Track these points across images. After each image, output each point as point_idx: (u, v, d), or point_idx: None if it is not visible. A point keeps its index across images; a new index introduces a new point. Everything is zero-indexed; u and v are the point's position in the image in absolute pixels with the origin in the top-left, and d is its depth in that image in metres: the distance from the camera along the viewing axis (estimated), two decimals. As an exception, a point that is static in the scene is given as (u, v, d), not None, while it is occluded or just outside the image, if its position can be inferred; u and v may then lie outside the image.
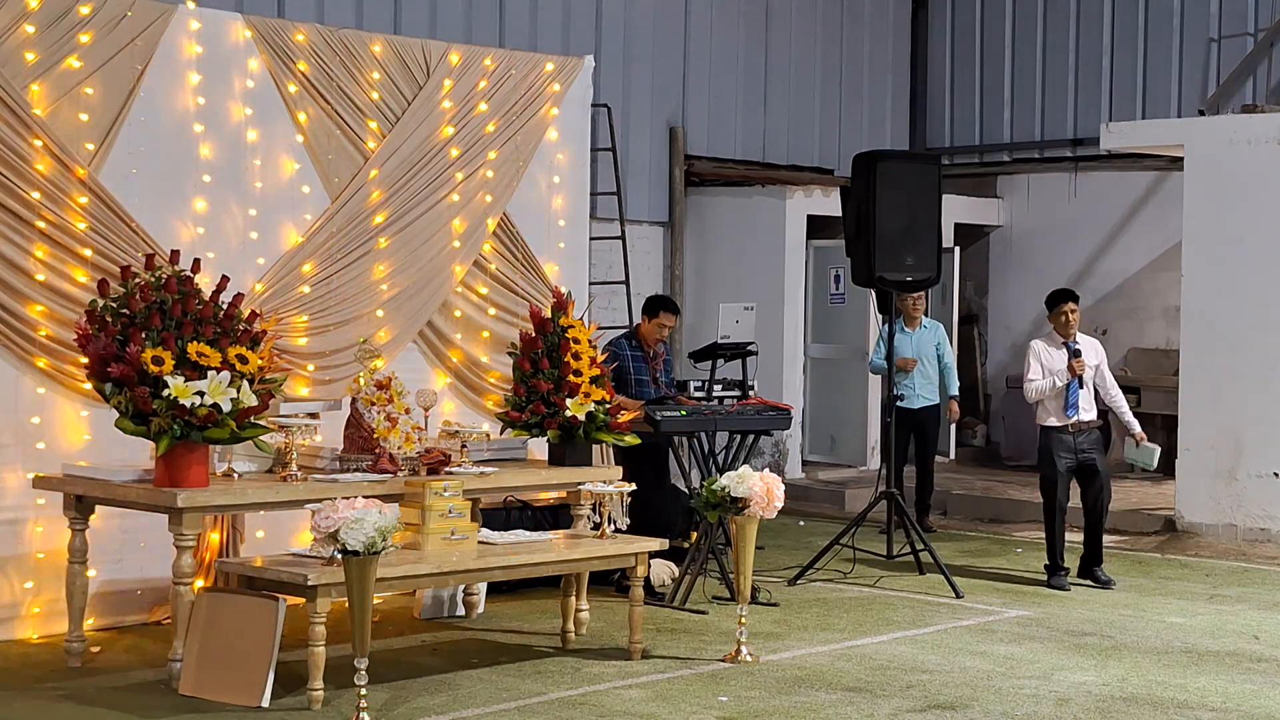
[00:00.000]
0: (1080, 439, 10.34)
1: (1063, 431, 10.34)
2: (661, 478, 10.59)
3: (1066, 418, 10.30)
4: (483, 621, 9.06)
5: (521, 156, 10.27)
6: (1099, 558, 10.51)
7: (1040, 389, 10.35)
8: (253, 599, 7.21)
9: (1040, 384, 10.35)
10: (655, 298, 10.81)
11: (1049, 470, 10.43)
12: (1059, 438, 10.35)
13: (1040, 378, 10.35)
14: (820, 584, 10.34)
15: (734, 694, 7.48)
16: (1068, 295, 10.56)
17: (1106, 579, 10.42)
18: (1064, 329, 10.42)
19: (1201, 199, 12.60)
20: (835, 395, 15.98)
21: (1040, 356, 10.41)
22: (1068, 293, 10.61)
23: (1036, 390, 10.37)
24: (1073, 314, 10.43)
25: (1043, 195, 16.83)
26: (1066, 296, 10.53)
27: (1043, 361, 10.38)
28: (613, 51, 14.76)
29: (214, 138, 8.98)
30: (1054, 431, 10.37)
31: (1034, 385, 10.38)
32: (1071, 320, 10.41)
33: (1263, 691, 7.71)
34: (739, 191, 15.57)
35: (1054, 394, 10.29)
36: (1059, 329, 10.45)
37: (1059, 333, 10.44)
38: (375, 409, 8.13)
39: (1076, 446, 10.34)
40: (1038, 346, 10.50)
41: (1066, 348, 10.37)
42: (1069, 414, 10.30)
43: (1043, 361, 10.38)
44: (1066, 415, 10.30)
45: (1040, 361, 10.39)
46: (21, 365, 8.31)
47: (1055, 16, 16.77)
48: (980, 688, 7.69)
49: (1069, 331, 10.41)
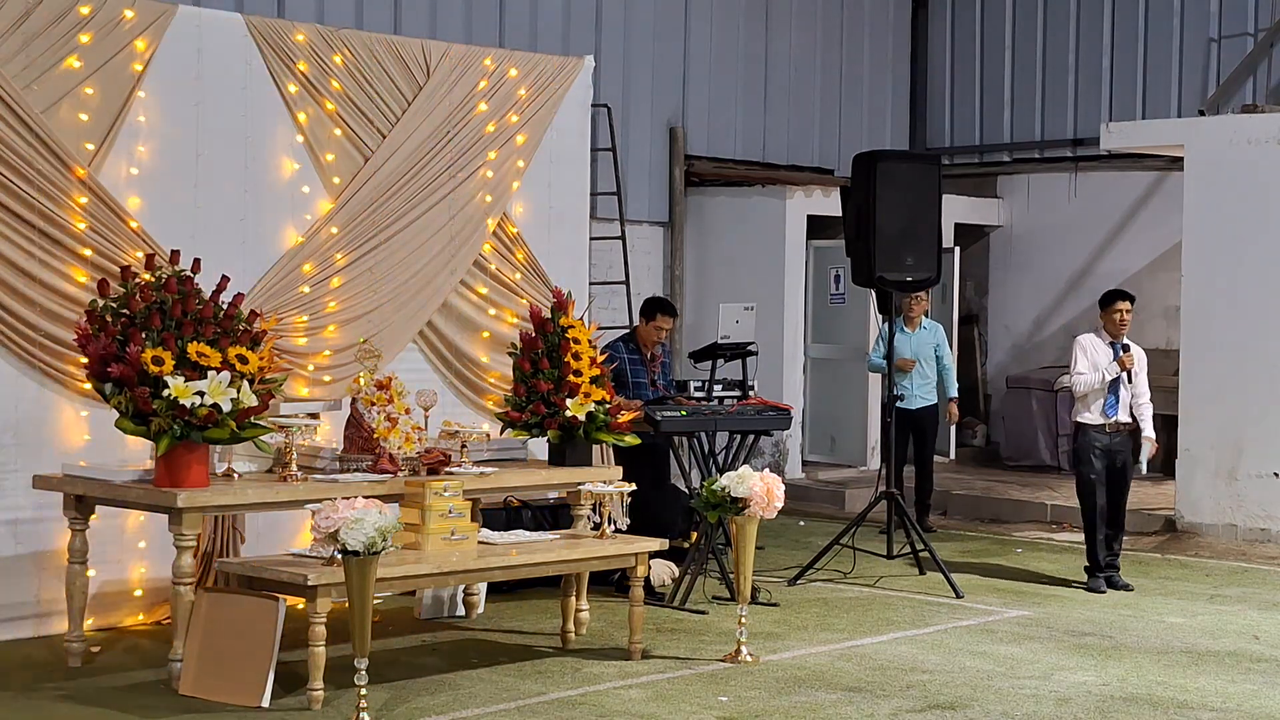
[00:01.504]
0: (1115, 440, 10.28)
1: (1099, 431, 10.25)
2: (661, 478, 10.59)
3: (1106, 417, 10.21)
4: (483, 621, 9.06)
5: (521, 156, 10.26)
6: (1116, 562, 10.43)
7: (1089, 382, 10.21)
8: (253, 599, 7.21)
9: (1089, 377, 10.21)
10: (652, 300, 10.80)
11: (1087, 471, 10.32)
12: (1095, 436, 10.26)
13: (1089, 371, 10.26)
14: (820, 584, 10.34)
15: (734, 694, 7.48)
16: (1124, 295, 10.41)
17: (1124, 584, 10.35)
18: (1116, 328, 10.29)
19: (1201, 199, 12.60)
20: (835, 395, 15.98)
21: (1087, 351, 10.30)
22: (1124, 292, 10.46)
23: (1085, 384, 10.23)
24: (1128, 314, 10.29)
25: (1043, 195, 16.82)
26: (1123, 296, 10.38)
27: (1089, 356, 10.28)
28: (613, 51, 14.75)
29: (214, 137, 8.98)
30: (1090, 430, 10.27)
31: (1083, 379, 10.24)
32: (1126, 319, 10.27)
33: (1263, 691, 7.71)
34: (739, 191, 15.57)
35: (1099, 390, 10.18)
36: (1110, 327, 10.32)
37: (1109, 331, 10.32)
38: (375, 409, 8.13)
39: (1110, 447, 10.27)
40: (1085, 341, 10.38)
41: (1113, 347, 10.27)
42: (1109, 413, 10.20)
43: (1089, 356, 10.28)
44: (1106, 414, 10.21)
45: (1087, 356, 10.28)
46: (21, 365, 8.31)
47: (1055, 16, 16.78)
48: (980, 688, 7.69)
49: (1121, 331, 10.29)
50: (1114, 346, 10.28)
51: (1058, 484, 14.60)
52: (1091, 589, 10.28)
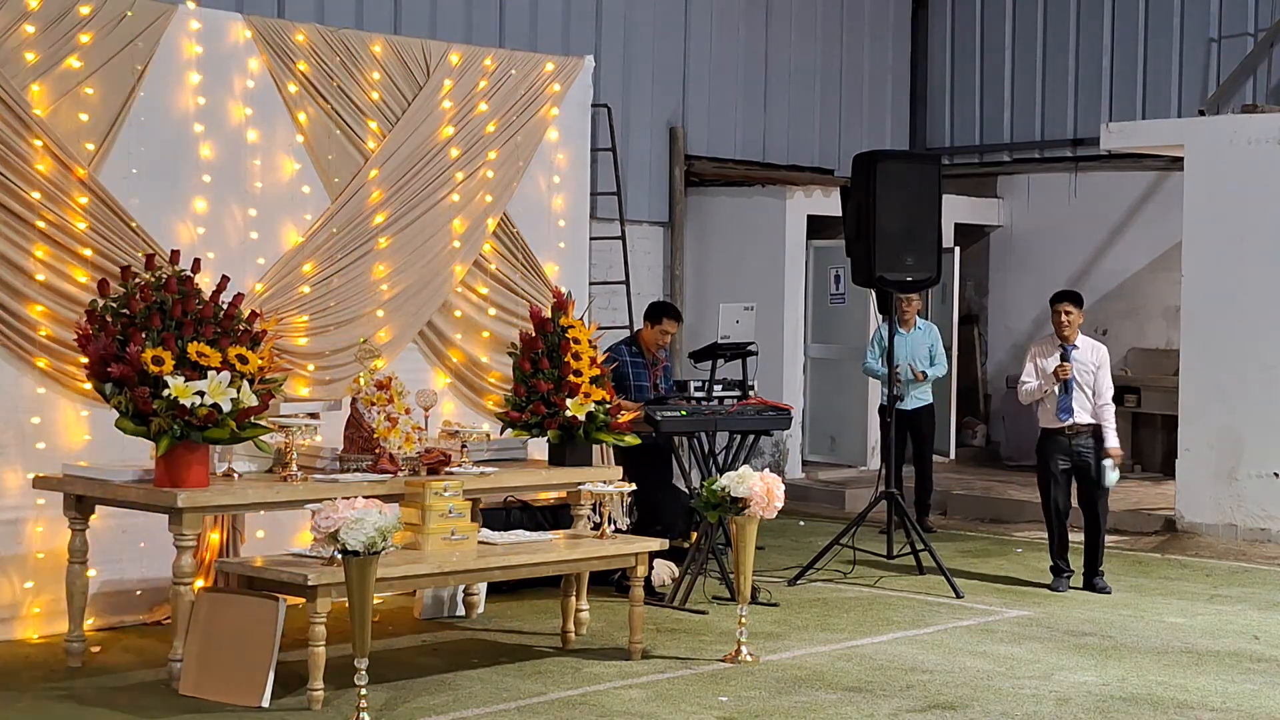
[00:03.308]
0: (1076, 442, 10.30)
1: (1058, 434, 10.30)
2: (662, 478, 10.59)
3: (1060, 421, 10.26)
4: (483, 621, 9.06)
5: (521, 156, 10.27)
6: (1097, 565, 10.42)
7: (1029, 391, 10.32)
8: (253, 599, 7.21)
9: (1030, 386, 10.32)
10: (659, 304, 10.79)
11: (1044, 473, 10.40)
12: (1055, 439, 10.31)
13: (1032, 379, 10.32)
14: (820, 584, 10.34)
15: (734, 694, 7.48)
16: (1063, 296, 10.43)
17: (1104, 586, 10.33)
18: (1059, 330, 10.34)
19: (1201, 199, 12.60)
20: (835, 395, 15.98)
21: (1035, 359, 10.37)
22: (1065, 294, 10.49)
23: (1026, 393, 10.36)
24: (1067, 315, 10.28)
25: (1043, 195, 16.83)
26: (1062, 297, 10.41)
27: (1037, 364, 10.34)
28: (613, 51, 14.76)
29: (214, 138, 8.99)
30: (1050, 433, 10.33)
31: (1024, 388, 10.37)
32: (1066, 321, 10.28)
33: (1263, 691, 7.71)
34: (739, 191, 15.57)
35: (1051, 394, 10.25)
36: (1055, 330, 10.40)
37: (1056, 334, 10.41)
38: (375, 409, 8.13)
39: (1073, 449, 10.30)
40: (1035, 348, 10.47)
41: (1062, 349, 10.32)
42: (1061, 417, 10.23)
43: (1037, 364, 10.34)
44: (1059, 419, 10.24)
45: (1035, 364, 10.35)
46: (21, 365, 8.31)
47: (1055, 16, 16.77)
48: (980, 688, 7.69)
49: (1065, 333, 10.33)
50: (1063, 348, 10.27)
51: (1058, 484, 14.60)
52: (1054, 589, 10.28)
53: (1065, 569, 10.39)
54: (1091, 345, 10.43)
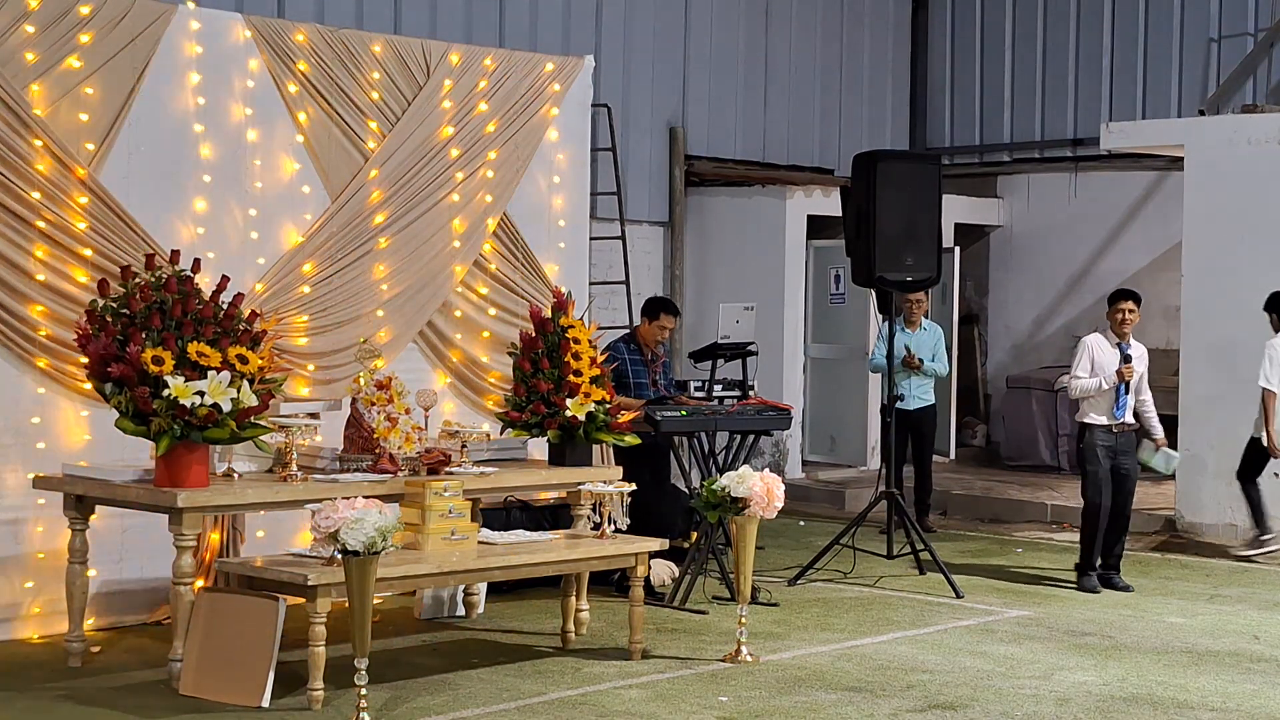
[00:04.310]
0: (1120, 441, 10.26)
1: (1105, 431, 10.23)
2: (662, 478, 10.58)
3: (1114, 418, 10.20)
4: (483, 621, 9.06)
5: (521, 156, 10.27)
6: (1117, 564, 10.42)
7: (1086, 388, 10.21)
8: (253, 599, 7.21)
9: (1087, 383, 10.21)
10: (655, 299, 10.79)
11: (1093, 470, 10.25)
12: (1101, 436, 10.23)
13: (1088, 376, 10.23)
14: (820, 584, 10.34)
15: (734, 694, 7.48)
16: (1128, 294, 10.38)
17: (1124, 585, 10.34)
18: (1119, 328, 10.26)
19: (1201, 199, 12.60)
20: (835, 395, 15.98)
21: (1093, 354, 10.27)
22: (1127, 292, 10.43)
23: (1082, 389, 10.23)
24: (1130, 314, 10.25)
25: (1043, 195, 16.83)
26: (1127, 295, 10.36)
27: (1094, 359, 10.25)
28: (613, 51, 14.75)
29: (214, 138, 8.98)
30: (1096, 430, 10.24)
31: (1080, 384, 10.23)
32: (1128, 320, 10.24)
33: (1263, 691, 7.71)
34: (739, 191, 15.57)
35: (1106, 391, 10.17)
36: (1115, 328, 10.30)
37: (1115, 331, 10.30)
38: (375, 409, 8.13)
39: (1116, 448, 10.25)
40: (1091, 343, 10.33)
41: (1120, 350, 10.26)
42: (1117, 414, 10.19)
43: (1094, 359, 10.25)
44: (1115, 415, 10.19)
45: (1092, 359, 10.25)
46: (21, 365, 8.31)
47: (1055, 16, 16.77)
48: (980, 688, 7.69)
49: (1124, 331, 10.26)
50: (1120, 348, 10.26)
51: (1058, 484, 14.61)
52: (1087, 589, 10.26)
53: (1095, 568, 10.33)
54: (1139, 348, 10.40)
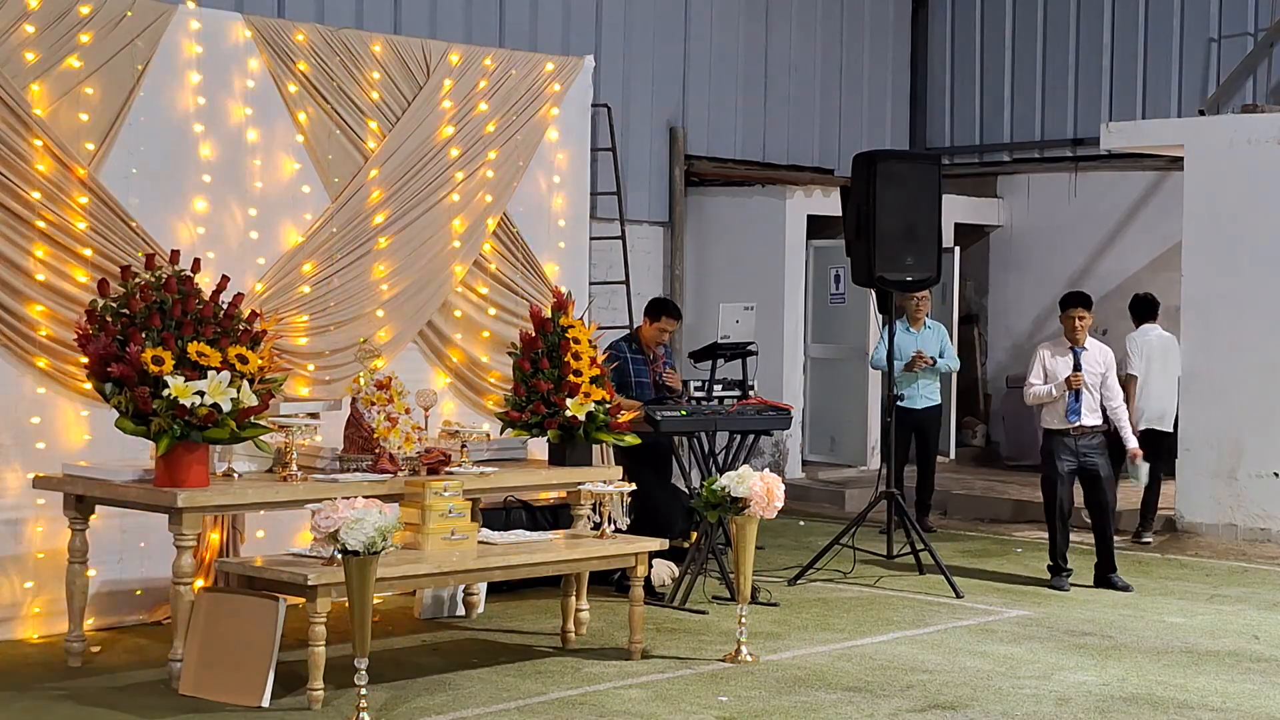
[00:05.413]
0: (1082, 443, 10.31)
1: (1064, 435, 10.31)
2: (662, 478, 10.58)
3: (1068, 422, 10.26)
4: (483, 621, 9.06)
5: (521, 156, 10.27)
6: (1111, 563, 10.44)
7: (1037, 394, 10.34)
8: (253, 599, 7.21)
9: (1038, 390, 10.34)
10: (658, 301, 10.78)
11: (1049, 471, 10.40)
12: (1060, 441, 10.32)
13: (1040, 383, 10.33)
14: (820, 584, 10.34)
15: (734, 694, 7.48)
16: (1076, 300, 10.42)
17: (1124, 584, 10.36)
18: (1071, 334, 10.34)
19: (1201, 199, 12.60)
20: (835, 395, 15.98)
21: (1044, 361, 10.37)
22: (1077, 296, 10.48)
23: (1034, 396, 10.37)
24: (1080, 320, 10.29)
25: (1043, 195, 16.82)
26: (1075, 301, 10.40)
27: (1046, 367, 10.34)
28: (613, 51, 14.75)
29: (214, 138, 8.98)
30: (1055, 434, 10.35)
31: (1032, 391, 10.38)
32: (1078, 326, 10.29)
33: (1263, 691, 7.71)
34: (739, 191, 15.57)
35: (1059, 397, 10.26)
36: (1066, 334, 10.38)
37: (1067, 337, 10.39)
38: (375, 409, 8.13)
39: (1078, 450, 10.30)
40: (1043, 351, 10.45)
41: (1073, 354, 10.30)
42: (1070, 419, 10.25)
43: (1046, 367, 10.34)
44: (1068, 420, 10.26)
45: (1044, 366, 10.35)
46: (21, 365, 8.31)
47: (1055, 16, 16.77)
48: (980, 688, 7.69)
49: (1076, 337, 10.33)
50: (1074, 352, 10.28)
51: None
52: (1055, 587, 10.30)
53: (1065, 568, 10.39)
54: (1098, 347, 10.44)
